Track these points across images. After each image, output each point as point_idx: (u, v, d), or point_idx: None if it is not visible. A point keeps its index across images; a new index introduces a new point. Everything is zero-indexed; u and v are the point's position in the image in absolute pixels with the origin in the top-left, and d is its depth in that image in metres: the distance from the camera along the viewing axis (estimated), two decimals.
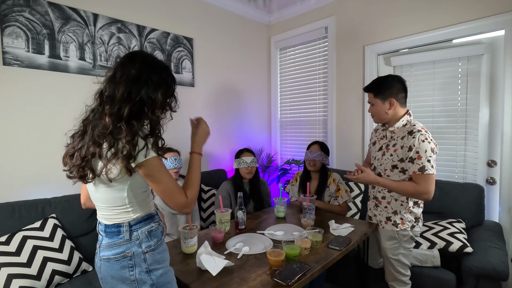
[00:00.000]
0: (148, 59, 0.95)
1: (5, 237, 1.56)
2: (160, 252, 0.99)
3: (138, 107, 0.89)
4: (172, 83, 0.99)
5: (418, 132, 1.46)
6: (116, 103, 0.87)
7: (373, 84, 1.62)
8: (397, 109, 1.56)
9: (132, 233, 0.95)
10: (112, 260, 0.94)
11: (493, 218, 2.09)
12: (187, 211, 0.98)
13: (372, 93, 1.60)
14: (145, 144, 0.87)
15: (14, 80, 1.77)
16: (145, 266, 0.95)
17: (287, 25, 3.21)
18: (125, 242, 0.94)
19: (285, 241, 1.32)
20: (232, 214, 1.92)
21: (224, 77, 2.97)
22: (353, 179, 1.59)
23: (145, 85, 0.91)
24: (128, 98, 0.88)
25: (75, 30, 1.99)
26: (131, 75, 0.90)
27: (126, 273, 0.94)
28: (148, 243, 0.96)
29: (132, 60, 0.93)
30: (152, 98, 0.92)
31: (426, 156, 1.42)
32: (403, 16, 2.35)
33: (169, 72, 0.99)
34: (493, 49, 2.05)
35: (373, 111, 1.63)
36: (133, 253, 0.94)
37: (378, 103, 1.58)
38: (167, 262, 1.03)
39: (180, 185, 0.98)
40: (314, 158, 2.05)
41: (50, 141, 1.88)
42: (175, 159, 2.01)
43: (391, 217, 1.59)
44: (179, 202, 0.94)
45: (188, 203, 0.96)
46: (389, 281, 1.65)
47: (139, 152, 0.86)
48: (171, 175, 0.95)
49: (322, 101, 3.00)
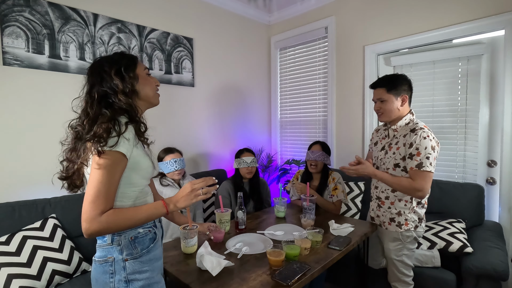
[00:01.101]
0: (96, 61, 0.95)
1: (5, 237, 1.56)
2: (144, 261, 0.92)
3: (105, 101, 0.89)
4: (126, 59, 0.96)
5: (420, 130, 1.46)
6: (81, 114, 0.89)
7: (385, 80, 1.58)
8: (405, 107, 1.56)
9: (114, 237, 0.90)
10: (97, 262, 0.91)
11: (493, 218, 2.09)
12: (86, 231, 0.80)
13: (384, 88, 1.55)
14: (118, 134, 0.83)
15: (14, 80, 1.77)
16: (124, 275, 0.89)
17: (287, 25, 3.21)
18: (107, 245, 0.90)
19: (285, 241, 1.32)
20: (232, 214, 1.92)
21: (224, 77, 2.97)
22: (353, 169, 1.55)
23: (101, 80, 0.90)
24: (90, 101, 0.89)
25: (75, 30, 1.99)
26: (87, 84, 0.92)
27: (107, 279, 0.89)
28: (130, 251, 0.90)
29: (86, 75, 0.95)
30: (114, 85, 0.90)
31: (425, 153, 1.42)
32: (403, 16, 2.35)
33: (120, 53, 0.97)
34: (493, 49, 2.05)
35: (383, 108, 1.57)
36: (114, 259, 0.89)
37: (391, 98, 1.54)
38: (152, 273, 0.95)
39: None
40: (315, 158, 2.05)
41: (50, 141, 1.88)
42: (175, 161, 1.93)
43: (395, 218, 1.58)
44: (88, 213, 0.79)
45: (92, 221, 0.79)
46: (392, 281, 1.64)
47: (111, 138, 0.83)
48: (116, 181, 0.85)
49: (322, 101, 3.00)
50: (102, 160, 0.81)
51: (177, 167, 1.93)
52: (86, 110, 0.88)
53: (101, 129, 0.81)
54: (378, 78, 1.65)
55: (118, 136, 0.83)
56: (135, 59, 0.99)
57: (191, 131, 2.70)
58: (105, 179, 0.81)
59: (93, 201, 0.80)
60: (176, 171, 1.94)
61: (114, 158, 0.83)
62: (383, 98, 1.56)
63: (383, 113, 1.59)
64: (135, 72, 0.96)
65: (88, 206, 0.80)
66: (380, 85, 1.58)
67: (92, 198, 0.80)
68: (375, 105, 1.63)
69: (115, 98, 0.89)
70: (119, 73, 0.91)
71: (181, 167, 1.95)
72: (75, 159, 0.88)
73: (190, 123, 2.68)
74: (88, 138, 0.82)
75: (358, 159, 1.59)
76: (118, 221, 0.83)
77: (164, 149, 2.03)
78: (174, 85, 2.53)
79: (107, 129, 0.82)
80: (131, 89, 0.93)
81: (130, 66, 0.95)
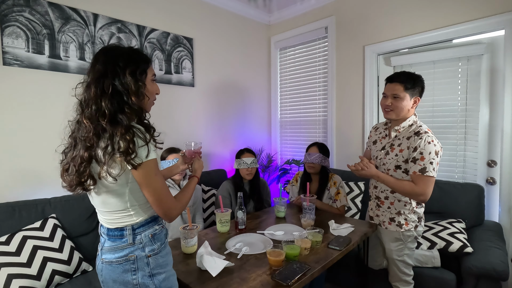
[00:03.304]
0: (111, 50, 0.92)
1: (5, 237, 1.56)
2: (163, 255, 0.98)
3: (117, 100, 0.87)
4: (141, 61, 0.94)
5: (425, 134, 1.44)
6: (92, 103, 0.86)
7: (406, 76, 1.49)
8: (413, 108, 1.53)
9: (136, 237, 0.94)
10: (114, 263, 0.93)
11: (493, 218, 2.09)
12: (172, 216, 0.96)
13: (403, 84, 1.47)
14: (145, 142, 0.86)
15: (14, 80, 1.77)
16: (148, 270, 0.94)
17: (287, 25, 3.21)
18: (128, 245, 0.93)
19: (285, 241, 1.32)
20: (232, 214, 1.92)
21: (224, 77, 2.97)
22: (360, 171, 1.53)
23: (115, 74, 0.88)
24: (102, 94, 0.86)
25: (75, 30, 1.99)
26: (98, 70, 0.88)
27: (129, 277, 0.92)
28: (152, 247, 0.95)
29: (96, 56, 0.92)
30: (125, 84, 0.89)
31: (429, 158, 1.41)
32: (403, 16, 2.35)
33: (136, 52, 0.95)
34: (493, 49, 2.04)
35: (396, 105, 1.49)
36: (136, 257, 0.93)
37: (406, 97, 1.47)
38: (170, 265, 1.02)
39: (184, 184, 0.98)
40: (312, 161, 2.01)
41: (50, 141, 1.87)
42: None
43: (395, 217, 1.57)
44: (169, 206, 0.94)
45: (176, 208, 0.96)
46: (393, 281, 1.64)
47: (140, 148, 0.85)
48: (163, 177, 0.96)
49: (322, 101, 3.00)
50: (147, 171, 0.88)
51: None
52: (96, 101, 0.85)
53: (126, 143, 0.83)
54: (396, 72, 1.55)
55: (147, 145, 0.87)
56: (149, 62, 0.98)
57: (191, 131, 2.70)
58: (160, 183, 0.92)
59: (167, 201, 0.93)
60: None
61: (154, 164, 0.91)
62: (399, 95, 1.48)
63: (393, 110, 1.51)
64: (147, 75, 0.96)
65: (169, 200, 0.94)
66: (399, 80, 1.49)
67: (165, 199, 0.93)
68: (386, 100, 1.52)
69: (128, 98, 0.89)
70: (133, 74, 0.91)
71: None
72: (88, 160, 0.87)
73: (190, 123, 2.68)
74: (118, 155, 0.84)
75: (362, 160, 1.56)
76: (183, 203, 1.02)
77: (168, 148, 2.05)
78: (174, 85, 2.53)
79: (132, 141, 0.84)
80: (141, 92, 0.93)
81: (145, 69, 0.95)
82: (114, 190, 0.91)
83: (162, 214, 0.94)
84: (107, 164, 0.85)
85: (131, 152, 0.83)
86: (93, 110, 0.85)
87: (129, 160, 0.83)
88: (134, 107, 0.89)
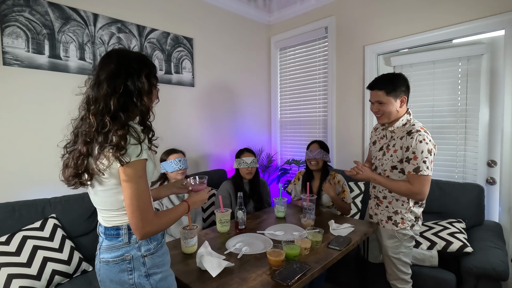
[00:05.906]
0: (124, 52, 0.96)
1: (5, 237, 1.56)
2: (160, 255, 0.98)
3: (125, 99, 0.89)
4: (152, 66, 0.99)
5: (416, 133, 1.46)
6: (101, 100, 0.87)
7: (385, 81, 1.53)
8: (403, 107, 1.55)
9: (131, 236, 0.94)
10: (111, 263, 0.93)
11: (493, 218, 2.09)
12: (144, 232, 0.88)
13: (384, 90, 1.51)
14: (138, 141, 0.86)
15: (14, 80, 1.77)
16: (144, 270, 0.94)
17: (287, 25, 3.21)
18: (124, 245, 0.93)
19: (285, 241, 1.32)
20: (232, 214, 1.92)
21: (224, 77, 2.97)
22: (355, 175, 1.57)
23: (128, 75, 0.90)
24: (112, 92, 0.87)
25: (75, 30, 1.99)
26: (111, 70, 0.90)
27: (125, 277, 0.93)
28: (148, 247, 0.95)
29: (109, 56, 0.93)
30: (138, 85, 0.91)
31: (422, 157, 1.42)
32: (403, 16, 2.35)
33: (147, 58, 1.00)
34: (493, 49, 2.04)
35: (383, 110, 1.53)
36: (132, 257, 0.93)
37: (390, 101, 1.51)
38: (167, 265, 1.01)
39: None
40: (315, 156, 2.05)
41: (50, 141, 1.88)
42: (179, 161, 1.95)
43: (392, 216, 1.59)
44: (145, 217, 0.87)
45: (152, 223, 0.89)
46: (391, 280, 1.65)
47: (132, 146, 0.85)
48: (148, 184, 0.92)
49: (322, 101, 3.00)
50: (134, 171, 0.86)
51: (181, 166, 1.95)
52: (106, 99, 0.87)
53: (118, 138, 0.83)
54: (375, 78, 1.60)
55: (140, 144, 0.87)
56: (155, 69, 1.02)
57: (191, 131, 2.70)
58: (144, 186, 0.89)
59: (145, 209, 0.88)
60: (180, 170, 1.95)
61: (143, 165, 0.89)
62: (381, 100, 1.52)
63: (382, 115, 1.56)
64: (157, 80, 1.02)
65: (148, 212, 0.88)
66: (378, 87, 1.53)
67: (143, 206, 0.87)
68: (373, 107, 1.58)
69: (137, 98, 0.91)
70: (148, 76, 0.94)
71: (184, 166, 1.97)
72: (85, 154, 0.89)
73: (190, 123, 2.68)
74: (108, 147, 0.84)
75: (357, 164, 1.59)
76: (163, 221, 0.94)
77: (166, 150, 2.05)
78: (174, 85, 2.53)
79: (124, 137, 0.84)
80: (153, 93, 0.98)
81: (155, 73, 1.00)
82: (109, 189, 0.91)
83: (134, 225, 0.87)
84: (99, 158, 0.86)
85: (121, 148, 0.83)
86: (101, 107, 0.87)
87: (118, 156, 0.83)
88: (142, 107, 0.92)
